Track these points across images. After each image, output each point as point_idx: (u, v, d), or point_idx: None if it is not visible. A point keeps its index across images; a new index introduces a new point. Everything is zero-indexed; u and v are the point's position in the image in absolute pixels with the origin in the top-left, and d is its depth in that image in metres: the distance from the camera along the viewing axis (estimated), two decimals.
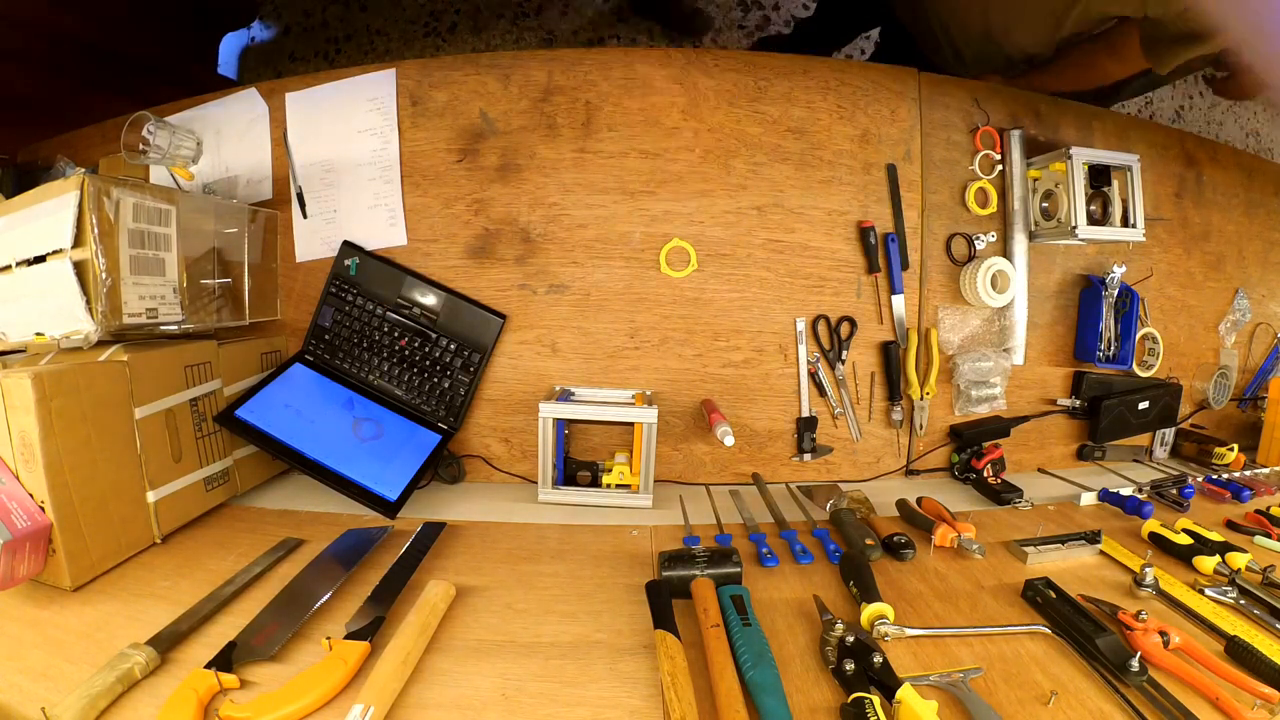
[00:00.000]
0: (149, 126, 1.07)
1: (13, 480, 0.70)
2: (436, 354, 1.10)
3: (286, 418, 0.99)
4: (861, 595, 0.70)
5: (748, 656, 0.59)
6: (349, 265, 1.11)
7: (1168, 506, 1.02)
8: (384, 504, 0.94)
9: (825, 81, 1.12)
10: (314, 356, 1.12)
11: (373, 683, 0.56)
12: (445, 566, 0.80)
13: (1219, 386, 1.33)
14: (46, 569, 0.71)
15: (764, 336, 1.13)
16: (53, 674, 0.59)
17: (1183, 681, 0.60)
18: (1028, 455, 1.23)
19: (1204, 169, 1.30)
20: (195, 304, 0.95)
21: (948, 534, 0.85)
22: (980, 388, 1.17)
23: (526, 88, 1.10)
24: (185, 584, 0.74)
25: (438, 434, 1.08)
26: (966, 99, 1.17)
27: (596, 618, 0.70)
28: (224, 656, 0.59)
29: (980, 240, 1.17)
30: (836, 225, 1.13)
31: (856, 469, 1.17)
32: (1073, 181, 1.08)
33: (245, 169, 1.16)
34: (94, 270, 0.78)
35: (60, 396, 0.70)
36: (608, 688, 0.59)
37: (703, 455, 1.14)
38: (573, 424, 1.12)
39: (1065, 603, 0.70)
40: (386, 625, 0.66)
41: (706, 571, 0.73)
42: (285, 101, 1.14)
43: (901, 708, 0.53)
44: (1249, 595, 0.74)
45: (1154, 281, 1.26)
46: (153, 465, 0.83)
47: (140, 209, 0.85)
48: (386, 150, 1.12)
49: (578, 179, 1.10)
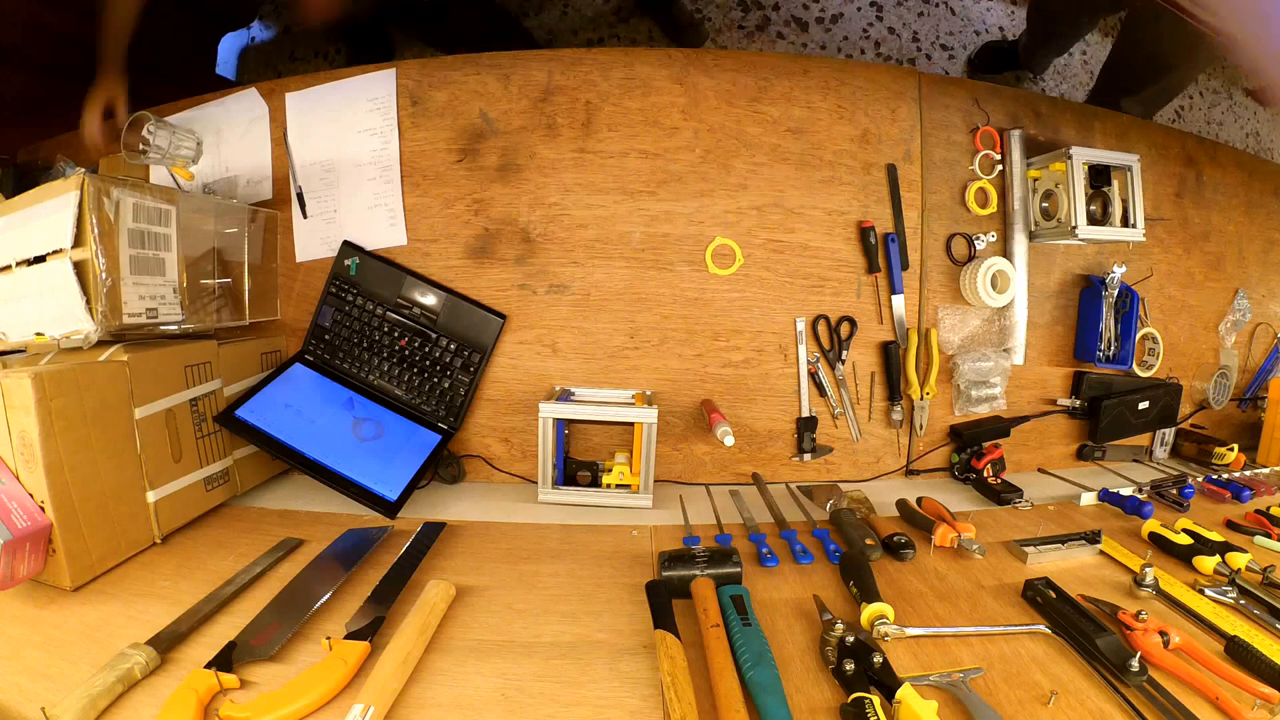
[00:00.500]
0: (149, 126, 1.07)
1: (13, 480, 0.70)
2: (436, 354, 1.10)
3: (286, 418, 0.99)
4: (861, 595, 0.70)
5: (748, 656, 0.59)
6: (349, 265, 1.11)
7: (1168, 506, 1.02)
8: (384, 504, 0.94)
9: (825, 81, 1.12)
10: (314, 356, 1.12)
11: (373, 683, 0.56)
12: (445, 566, 0.80)
13: (1219, 386, 1.33)
14: (46, 569, 0.71)
15: (764, 336, 1.13)
16: (53, 674, 0.59)
17: (1183, 681, 0.60)
18: (1028, 455, 1.23)
19: (1204, 169, 1.30)
20: (195, 304, 0.95)
21: (948, 534, 0.85)
22: (980, 388, 1.17)
23: (526, 88, 1.10)
24: (185, 584, 0.74)
25: (438, 434, 1.08)
26: (966, 99, 1.17)
27: (596, 618, 0.70)
28: (224, 656, 0.60)
29: (980, 240, 1.17)
30: (836, 225, 1.13)
31: (856, 469, 1.17)
32: (1073, 181, 1.08)
33: (245, 169, 1.16)
34: (94, 270, 0.78)
35: (60, 396, 0.70)
36: (608, 688, 0.59)
37: (703, 455, 1.14)
38: (573, 424, 1.12)
39: (1065, 603, 0.70)
40: (386, 625, 0.66)
41: (706, 571, 0.73)
42: (285, 102, 1.14)
43: (901, 708, 0.53)
44: (1249, 595, 0.74)
45: (1154, 281, 1.26)
46: (153, 465, 0.83)
47: (140, 209, 0.85)
48: (386, 150, 1.12)
49: (578, 179, 1.10)
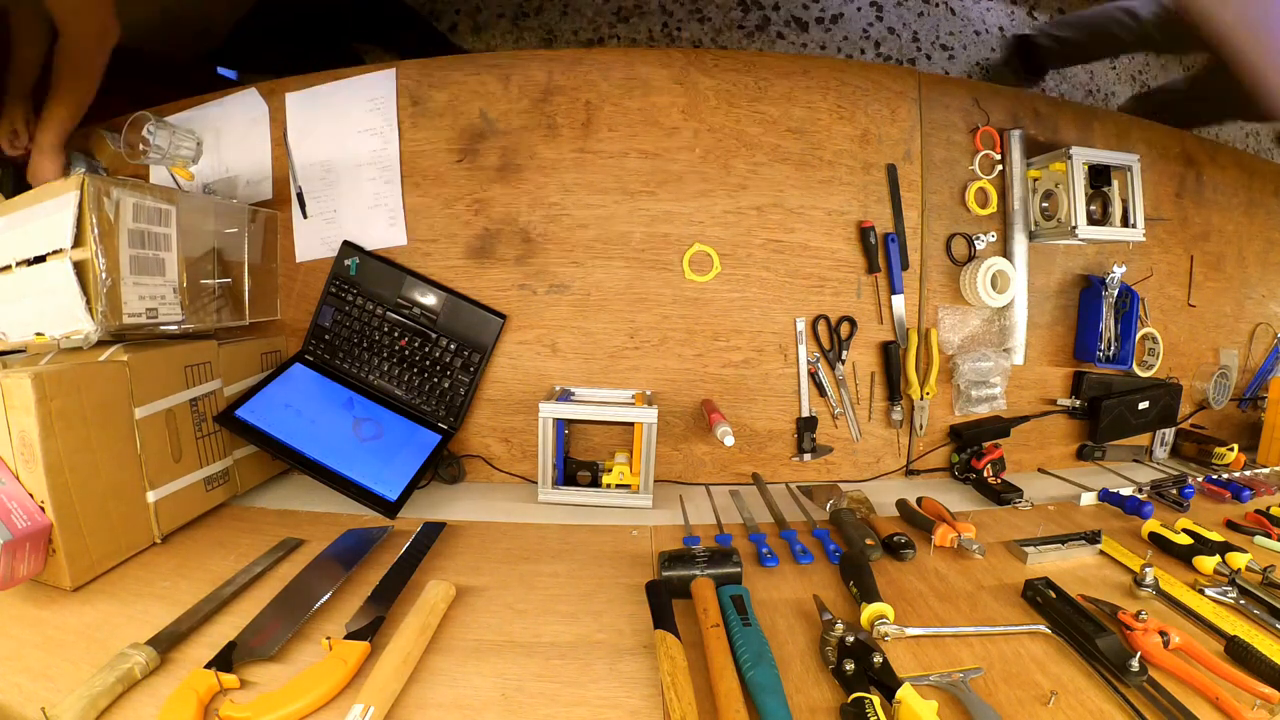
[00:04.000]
0: (149, 126, 1.07)
1: (13, 480, 0.70)
2: (436, 354, 1.10)
3: (286, 418, 0.99)
4: (861, 595, 0.70)
5: (748, 656, 0.59)
6: (349, 265, 1.11)
7: (1168, 506, 1.02)
8: (384, 504, 0.94)
9: (825, 81, 1.12)
10: (314, 356, 1.12)
11: (373, 683, 0.56)
12: (445, 566, 0.80)
13: (1219, 386, 1.33)
14: (46, 569, 0.71)
15: (764, 336, 1.13)
16: (53, 674, 0.59)
17: (1183, 681, 0.60)
18: (1028, 455, 1.23)
19: (1204, 169, 1.31)
20: (195, 304, 0.95)
21: (948, 534, 0.85)
22: (980, 388, 1.17)
23: (526, 88, 1.10)
24: (185, 584, 0.74)
25: (438, 434, 1.08)
26: (966, 99, 1.17)
27: (596, 618, 0.70)
28: (224, 656, 0.59)
29: (980, 240, 1.17)
30: (836, 225, 1.13)
31: (856, 469, 1.17)
32: (1073, 181, 1.08)
33: (245, 169, 1.16)
34: (94, 270, 0.78)
35: (60, 396, 0.70)
36: (608, 688, 0.59)
37: (703, 455, 1.14)
38: (573, 424, 1.12)
39: (1065, 603, 0.70)
40: (386, 625, 0.66)
41: (706, 571, 0.73)
42: (285, 102, 1.14)
43: (901, 708, 0.53)
44: (1249, 595, 0.74)
45: (1154, 281, 1.26)
46: (153, 465, 0.83)
47: (140, 209, 0.85)
48: (386, 150, 1.12)
49: (578, 179, 1.10)
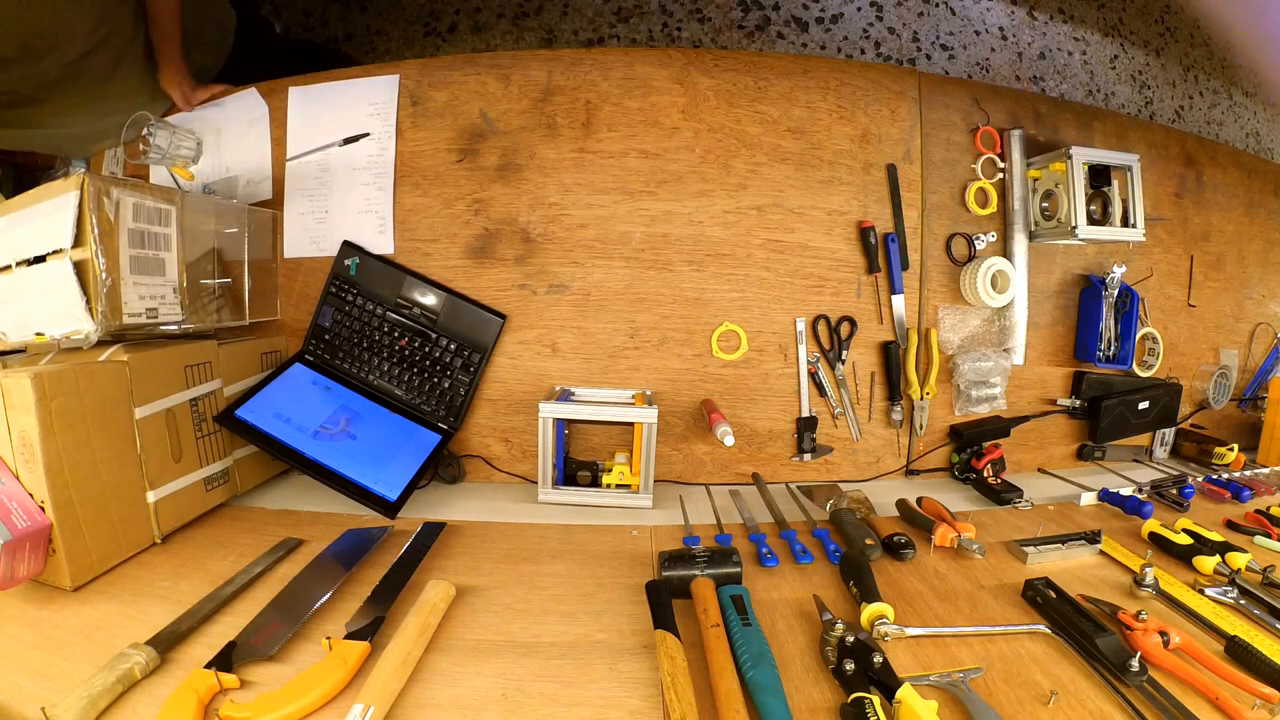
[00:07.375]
0: (149, 126, 1.07)
1: (13, 480, 0.70)
2: (436, 354, 1.10)
3: (286, 418, 0.99)
4: (861, 595, 0.70)
5: (748, 656, 0.59)
6: (349, 265, 1.11)
7: (1168, 506, 1.02)
8: (384, 504, 0.94)
9: (825, 81, 1.12)
10: (314, 356, 1.12)
11: (373, 683, 0.56)
12: (445, 566, 0.80)
13: (1219, 386, 1.33)
14: (46, 569, 0.71)
15: (764, 336, 1.13)
16: (53, 674, 0.59)
17: (1183, 681, 0.60)
18: (1028, 455, 1.23)
19: (1204, 169, 1.31)
20: (195, 304, 0.95)
21: (948, 534, 0.85)
22: (980, 388, 1.17)
23: (526, 88, 1.10)
24: (185, 584, 0.74)
25: (438, 434, 1.08)
26: (966, 99, 1.17)
27: (596, 618, 0.70)
28: (224, 656, 0.59)
29: (980, 240, 1.17)
30: (836, 225, 1.13)
31: (856, 469, 1.17)
32: (1073, 181, 1.08)
33: (245, 169, 1.16)
34: (94, 270, 0.78)
35: (60, 396, 0.70)
36: (608, 688, 0.59)
37: (703, 455, 1.14)
38: (573, 424, 1.12)
39: (1065, 603, 0.70)
40: (386, 625, 0.65)
41: (706, 571, 0.73)
42: (285, 101, 1.14)
43: (901, 708, 0.53)
44: (1249, 595, 0.74)
45: (1154, 281, 1.26)
46: (153, 465, 0.83)
47: (140, 209, 0.85)
48: (383, 156, 1.12)
49: (578, 179, 1.10)
